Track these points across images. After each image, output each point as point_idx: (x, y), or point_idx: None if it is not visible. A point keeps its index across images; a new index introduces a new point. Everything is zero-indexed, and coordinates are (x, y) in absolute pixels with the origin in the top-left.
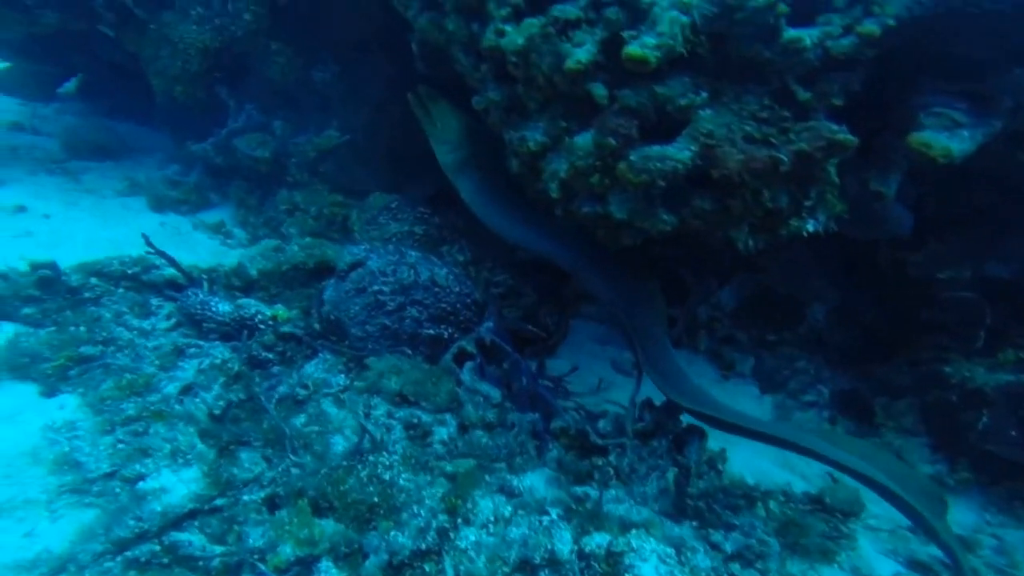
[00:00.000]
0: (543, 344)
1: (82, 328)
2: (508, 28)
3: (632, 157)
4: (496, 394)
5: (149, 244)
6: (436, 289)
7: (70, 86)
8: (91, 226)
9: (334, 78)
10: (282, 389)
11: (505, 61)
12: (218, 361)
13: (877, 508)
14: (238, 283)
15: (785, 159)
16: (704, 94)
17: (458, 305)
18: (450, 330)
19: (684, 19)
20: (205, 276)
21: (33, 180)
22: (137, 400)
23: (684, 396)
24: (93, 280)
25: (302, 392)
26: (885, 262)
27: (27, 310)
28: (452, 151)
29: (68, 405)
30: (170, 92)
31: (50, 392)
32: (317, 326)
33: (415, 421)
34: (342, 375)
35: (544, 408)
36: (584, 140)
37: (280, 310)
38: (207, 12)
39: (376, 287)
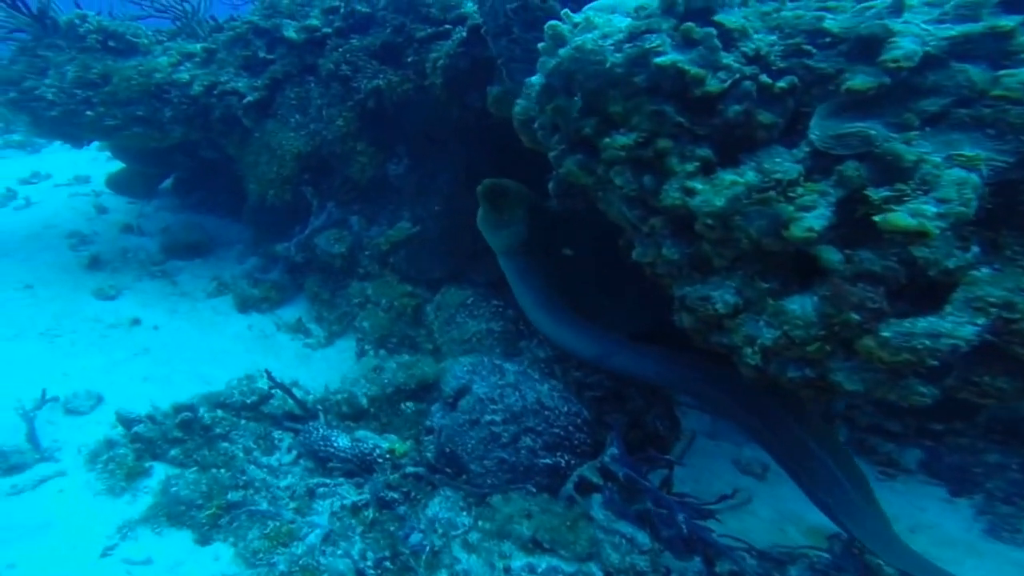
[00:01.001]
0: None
1: (223, 471)
2: (698, 186)
3: (885, 333)
4: (642, 537)
5: (271, 379)
6: (546, 412)
7: (167, 183)
8: (192, 336)
9: (407, 171)
10: (416, 538)
11: (691, 220)
12: (348, 503)
13: None
14: (349, 411)
15: None
16: (975, 248)
17: (570, 427)
18: (567, 457)
19: (975, 179)
20: (320, 407)
21: (140, 287)
22: (284, 551)
23: None
24: (219, 413)
25: (438, 541)
26: None
27: (173, 452)
28: (510, 237)
29: (223, 557)
30: (263, 195)
31: (204, 541)
32: (430, 455)
33: None
34: (464, 512)
35: (704, 549)
36: (802, 309)
37: (396, 443)
38: (304, 119)
39: (488, 417)
